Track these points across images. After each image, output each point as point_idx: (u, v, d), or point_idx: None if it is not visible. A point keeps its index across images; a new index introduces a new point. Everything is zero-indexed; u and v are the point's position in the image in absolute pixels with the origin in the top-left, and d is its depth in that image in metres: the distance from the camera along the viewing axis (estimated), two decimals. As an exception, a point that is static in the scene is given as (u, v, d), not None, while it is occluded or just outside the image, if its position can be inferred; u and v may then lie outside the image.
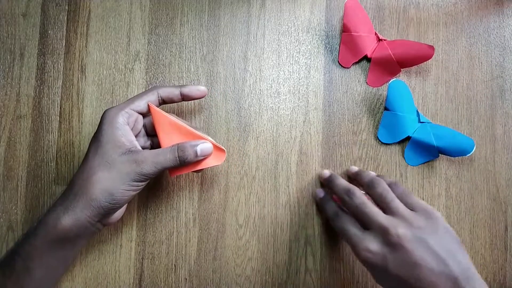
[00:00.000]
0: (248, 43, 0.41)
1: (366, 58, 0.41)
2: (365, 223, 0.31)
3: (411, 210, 0.31)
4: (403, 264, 0.28)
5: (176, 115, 0.39)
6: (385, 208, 0.31)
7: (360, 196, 0.32)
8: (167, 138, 0.33)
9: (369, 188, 0.33)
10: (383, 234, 0.29)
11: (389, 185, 0.33)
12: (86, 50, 0.40)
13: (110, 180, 0.30)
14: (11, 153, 0.39)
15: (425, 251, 0.28)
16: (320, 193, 0.38)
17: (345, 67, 0.41)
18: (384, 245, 0.29)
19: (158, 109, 0.33)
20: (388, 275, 0.28)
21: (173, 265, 0.38)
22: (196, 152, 0.32)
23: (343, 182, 0.35)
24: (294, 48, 0.41)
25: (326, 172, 0.38)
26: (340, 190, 0.34)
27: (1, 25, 0.40)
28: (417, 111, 0.39)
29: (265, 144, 0.40)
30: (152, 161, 0.31)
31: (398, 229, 0.29)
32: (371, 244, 0.29)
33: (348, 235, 0.31)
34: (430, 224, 0.29)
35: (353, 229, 0.31)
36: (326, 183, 0.38)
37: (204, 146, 0.32)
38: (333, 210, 0.35)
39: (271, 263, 0.38)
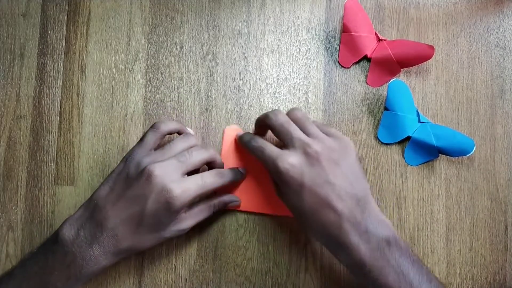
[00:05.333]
0: (248, 43, 0.41)
1: (366, 58, 0.41)
2: (286, 140, 0.32)
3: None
4: (318, 179, 0.30)
5: (176, 115, 0.40)
6: (304, 131, 0.33)
7: (284, 115, 0.34)
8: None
9: (289, 113, 0.34)
10: (304, 149, 0.31)
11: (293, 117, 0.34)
12: (86, 50, 0.40)
13: (143, 239, 0.32)
14: (11, 153, 0.39)
15: (338, 172, 0.31)
16: (240, 133, 0.38)
17: (345, 67, 0.41)
18: (304, 160, 0.31)
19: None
20: (302, 188, 0.30)
21: (173, 265, 0.38)
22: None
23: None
24: (294, 48, 0.41)
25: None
26: (265, 113, 0.35)
27: (1, 25, 0.40)
28: (417, 111, 0.39)
29: (265, 144, 0.40)
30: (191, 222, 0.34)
31: (317, 146, 0.31)
32: (292, 158, 0.31)
33: (267, 152, 0.32)
34: (344, 150, 0.32)
35: (272, 147, 0.33)
36: (257, 125, 0.37)
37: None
38: (250, 136, 0.36)
39: (271, 263, 0.38)
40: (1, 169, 0.39)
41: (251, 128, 0.40)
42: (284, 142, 0.33)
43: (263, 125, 0.35)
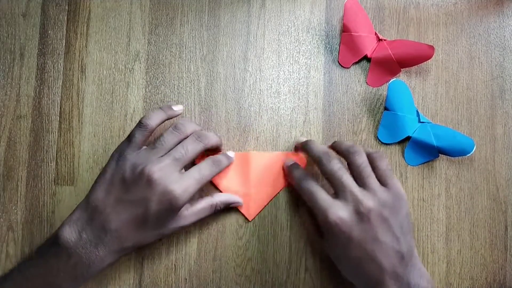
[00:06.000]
0: (248, 43, 0.41)
1: (366, 58, 0.41)
2: (338, 190, 0.32)
3: (385, 187, 0.32)
4: (366, 235, 0.30)
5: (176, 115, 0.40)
6: (360, 180, 0.32)
7: (338, 161, 0.33)
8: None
9: (349, 153, 0.33)
10: (355, 205, 0.31)
11: (372, 157, 0.33)
12: (86, 50, 0.40)
13: (146, 236, 0.33)
14: (11, 153, 0.39)
15: (386, 229, 0.31)
16: (289, 162, 0.37)
17: (345, 67, 0.41)
18: (354, 215, 0.30)
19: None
20: (349, 242, 0.30)
21: (173, 265, 0.38)
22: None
23: (321, 146, 0.35)
24: (294, 48, 0.41)
25: (303, 138, 0.38)
26: (318, 153, 0.34)
27: (1, 25, 0.40)
28: (417, 111, 0.39)
29: (265, 144, 0.40)
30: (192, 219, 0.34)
31: (369, 202, 0.31)
32: (342, 211, 0.31)
33: (317, 199, 0.32)
34: (396, 206, 0.32)
35: (323, 194, 0.32)
36: (301, 148, 0.37)
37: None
38: (301, 173, 0.35)
39: (271, 263, 0.38)
40: (1, 169, 0.39)
41: (251, 128, 0.40)
42: (334, 189, 0.32)
43: (308, 156, 0.36)
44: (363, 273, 0.31)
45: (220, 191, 0.38)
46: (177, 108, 0.36)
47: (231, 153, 0.38)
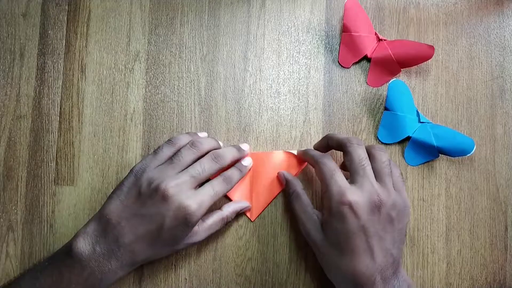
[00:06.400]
0: (248, 43, 0.41)
1: (366, 58, 0.41)
2: (358, 177, 0.32)
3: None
4: (372, 227, 0.31)
5: (176, 115, 0.40)
6: (379, 176, 0.33)
7: (365, 151, 0.34)
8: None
9: (374, 149, 0.34)
10: (371, 195, 0.31)
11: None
12: (86, 50, 0.40)
13: (159, 251, 0.33)
14: (11, 153, 0.39)
15: (390, 229, 0.32)
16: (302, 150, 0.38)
17: (345, 67, 0.41)
18: (368, 204, 0.31)
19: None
20: (355, 228, 0.31)
21: (173, 265, 0.38)
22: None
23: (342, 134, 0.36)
24: (294, 48, 0.41)
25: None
26: (344, 138, 0.34)
27: (1, 25, 0.40)
28: (417, 111, 0.39)
29: (265, 144, 0.40)
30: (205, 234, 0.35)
31: (383, 197, 0.32)
32: (358, 196, 0.31)
33: (336, 179, 0.32)
34: (403, 212, 0.33)
35: (342, 176, 0.33)
36: (323, 140, 0.37)
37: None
38: (319, 153, 0.35)
39: (271, 263, 0.38)
40: (1, 169, 0.39)
41: (251, 128, 0.40)
42: (352, 175, 0.33)
43: (333, 145, 0.35)
44: (355, 266, 0.31)
45: None
46: (202, 134, 0.38)
47: (247, 160, 0.38)
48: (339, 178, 0.32)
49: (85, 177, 0.39)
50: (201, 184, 0.34)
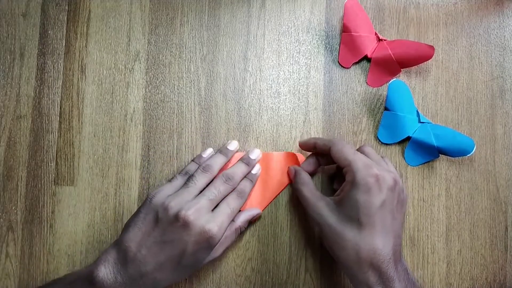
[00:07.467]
0: (248, 43, 0.41)
1: (366, 58, 0.41)
2: (378, 160, 0.34)
3: None
4: (391, 205, 0.32)
5: (176, 115, 0.40)
6: (380, 163, 0.34)
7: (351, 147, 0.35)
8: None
9: (365, 147, 0.35)
10: (392, 174, 0.33)
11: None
12: (86, 50, 0.40)
13: (180, 275, 0.33)
14: (11, 153, 0.39)
15: (400, 211, 0.33)
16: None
17: (345, 67, 0.41)
18: (390, 181, 0.32)
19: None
20: (377, 202, 0.31)
21: (173, 265, 0.38)
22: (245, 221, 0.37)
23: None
24: (294, 48, 0.41)
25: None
26: (343, 145, 0.35)
27: (1, 25, 0.40)
28: (417, 111, 0.39)
29: (265, 144, 0.40)
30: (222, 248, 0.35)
31: (399, 180, 0.33)
32: (382, 172, 0.32)
33: (359, 157, 0.33)
34: (405, 201, 0.34)
35: (364, 156, 0.34)
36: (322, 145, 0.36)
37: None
38: (339, 141, 0.36)
39: (271, 263, 0.38)
40: (1, 169, 0.39)
41: (251, 128, 0.40)
42: (352, 169, 0.33)
43: (320, 147, 0.36)
44: (374, 241, 0.30)
45: None
46: (206, 153, 0.38)
47: (255, 169, 0.38)
48: (361, 155, 0.33)
49: (85, 177, 0.39)
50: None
